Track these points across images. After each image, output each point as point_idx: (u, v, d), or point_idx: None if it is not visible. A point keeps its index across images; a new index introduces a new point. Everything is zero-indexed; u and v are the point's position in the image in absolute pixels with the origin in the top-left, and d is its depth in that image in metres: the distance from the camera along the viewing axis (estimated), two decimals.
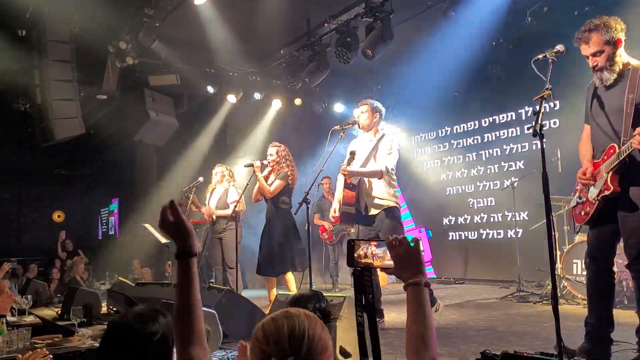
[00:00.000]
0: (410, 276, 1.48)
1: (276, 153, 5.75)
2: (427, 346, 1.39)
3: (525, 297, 6.46)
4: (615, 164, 3.03)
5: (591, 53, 3.13)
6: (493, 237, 8.66)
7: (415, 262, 1.49)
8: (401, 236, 1.52)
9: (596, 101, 3.25)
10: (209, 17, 6.70)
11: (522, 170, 8.07)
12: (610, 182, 3.06)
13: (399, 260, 1.51)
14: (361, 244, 1.59)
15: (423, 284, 1.47)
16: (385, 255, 1.55)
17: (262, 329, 1.23)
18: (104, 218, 15.56)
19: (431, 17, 7.03)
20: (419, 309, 1.45)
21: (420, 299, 1.46)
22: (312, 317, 1.26)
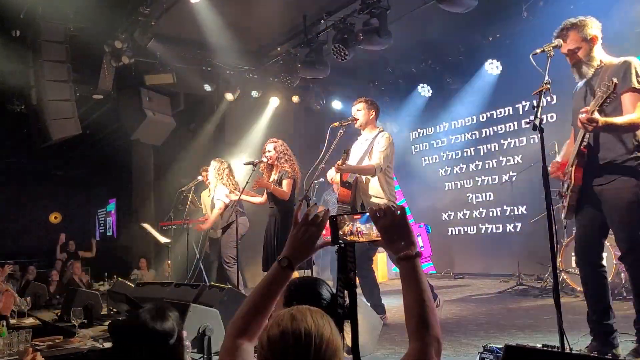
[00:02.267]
0: (400, 249, 1.39)
1: (274, 149, 5.71)
2: (428, 325, 1.29)
3: (525, 291, 6.47)
4: (573, 157, 3.19)
5: (569, 49, 3.26)
6: (492, 231, 8.67)
7: (404, 232, 1.39)
8: (385, 206, 1.42)
9: (576, 102, 3.39)
10: (205, 15, 6.67)
11: (520, 165, 8.08)
12: (573, 175, 3.20)
13: (386, 232, 1.41)
14: (345, 220, 1.50)
15: (414, 255, 1.37)
16: (371, 230, 1.46)
17: (267, 336, 1.17)
18: (102, 219, 15.53)
19: (427, 12, 7.02)
20: (413, 284, 1.35)
21: (413, 272, 1.36)
22: (319, 318, 1.19)
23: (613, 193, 3.11)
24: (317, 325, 1.16)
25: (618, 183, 3.09)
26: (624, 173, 3.09)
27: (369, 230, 1.47)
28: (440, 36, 8.07)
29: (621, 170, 3.10)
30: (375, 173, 4.79)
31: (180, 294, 4.85)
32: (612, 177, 3.11)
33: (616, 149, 3.12)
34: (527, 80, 7.24)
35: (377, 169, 4.77)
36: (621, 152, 3.11)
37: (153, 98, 8.45)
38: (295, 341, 1.12)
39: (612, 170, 3.12)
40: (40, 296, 7.52)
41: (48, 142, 7.13)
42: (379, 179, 4.84)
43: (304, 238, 1.49)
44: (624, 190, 3.08)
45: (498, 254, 8.35)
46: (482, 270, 8.65)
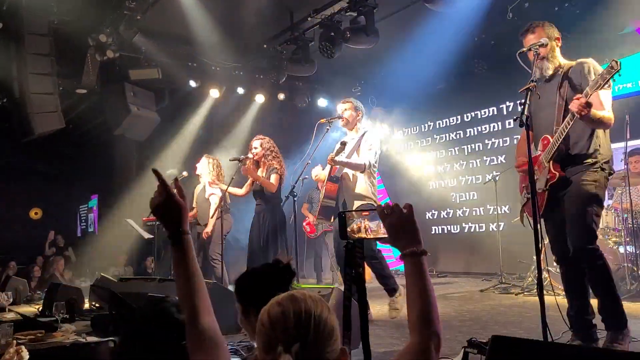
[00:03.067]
0: (405, 245, 1.42)
1: (260, 146, 5.71)
2: (430, 321, 1.34)
3: (507, 289, 6.55)
4: (554, 152, 3.27)
5: (537, 44, 3.38)
6: (475, 230, 8.76)
7: (410, 230, 1.44)
8: (393, 203, 1.46)
9: (535, 100, 3.45)
10: (192, 10, 6.63)
11: (504, 165, 8.17)
12: (553, 170, 3.29)
13: (392, 229, 1.45)
14: (354, 216, 1.55)
15: (420, 253, 1.41)
16: (379, 228, 1.50)
17: (268, 314, 1.21)
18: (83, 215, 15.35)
19: (414, 12, 7.07)
20: (417, 280, 1.39)
21: (418, 269, 1.40)
22: (318, 301, 1.23)
23: (574, 188, 3.24)
24: (315, 306, 1.20)
25: (578, 177, 3.23)
26: (585, 169, 3.24)
27: (376, 228, 1.52)
28: (424, 36, 8.10)
29: (584, 167, 3.24)
30: (365, 169, 4.84)
31: (165, 289, 4.83)
32: (576, 172, 3.25)
33: (583, 145, 3.26)
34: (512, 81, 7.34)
35: (368, 165, 4.83)
36: (587, 148, 3.25)
37: (137, 93, 8.36)
38: (296, 319, 1.16)
39: (577, 166, 3.26)
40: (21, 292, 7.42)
41: (30, 136, 7.03)
42: (364, 177, 4.88)
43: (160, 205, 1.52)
44: (582, 186, 3.21)
45: (481, 253, 8.44)
46: (465, 269, 8.73)
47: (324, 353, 1.16)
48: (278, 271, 1.74)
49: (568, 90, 3.29)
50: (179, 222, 1.51)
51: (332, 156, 4.77)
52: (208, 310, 1.49)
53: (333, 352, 1.18)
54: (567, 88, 3.30)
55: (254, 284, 1.74)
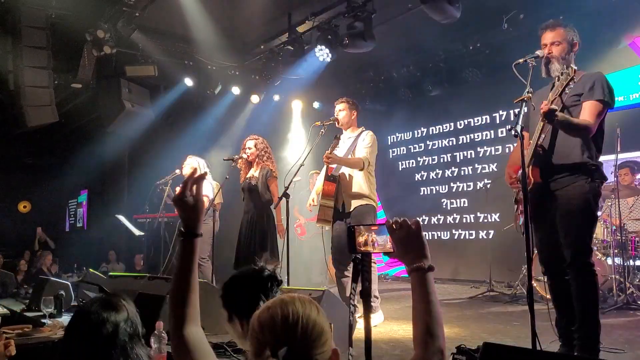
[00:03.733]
0: (412, 260, 1.44)
1: (255, 146, 5.70)
2: (434, 335, 1.35)
3: (496, 297, 6.59)
4: (530, 156, 3.19)
5: (551, 41, 3.36)
6: (465, 237, 8.81)
7: (417, 245, 1.45)
8: (402, 219, 1.47)
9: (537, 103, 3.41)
10: (191, 9, 6.64)
11: (496, 173, 8.23)
12: (531, 175, 3.21)
13: (400, 243, 1.46)
14: (362, 230, 1.56)
15: (427, 268, 1.43)
16: (386, 242, 1.51)
17: (258, 319, 1.22)
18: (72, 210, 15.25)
19: (410, 19, 7.11)
20: (423, 295, 1.40)
21: (424, 284, 1.41)
22: (307, 302, 1.24)
23: (565, 199, 3.18)
24: (304, 309, 1.20)
25: (571, 189, 3.18)
26: (577, 179, 3.17)
27: (383, 242, 1.53)
28: (422, 42, 8.17)
29: (574, 176, 3.18)
30: (364, 166, 4.82)
31: (154, 287, 4.82)
32: (566, 182, 3.20)
33: (571, 153, 3.21)
34: (505, 90, 7.45)
35: (365, 162, 4.82)
36: (576, 157, 3.20)
37: (133, 89, 8.35)
38: (284, 322, 1.17)
39: (566, 175, 3.20)
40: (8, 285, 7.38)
41: (23, 129, 6.99)
42: (362, 176, 4.87)
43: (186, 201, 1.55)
44: (576, 197, 3.16)
45: (470, 260, 8.48)
46: (453, 276, 8.77)
47: (313, 355, 1.16)
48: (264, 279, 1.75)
49: (569, 97, 3.24)
50: (195, 221, 1.56)
51: (327, 153, 4.75)
52: (195, 319, 1.52)
53: (324, 354, 1.18)
54: (569, 95, 3.23)
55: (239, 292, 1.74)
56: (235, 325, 1.65)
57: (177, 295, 1.53)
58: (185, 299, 1.52)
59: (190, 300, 1.52)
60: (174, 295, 1.54)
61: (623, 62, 6.77)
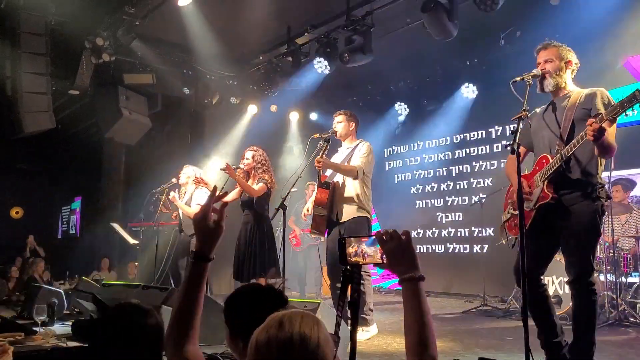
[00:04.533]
0: (404, 271, 1.45)
1: (252, 157, 5.70)
2: (427, 346, 1.36)
3: (489, 312, 6.60)
4: (552, 172, 3.23)
5: (544, 59, 3.43)
6: (459, 251, 8.82)
7: (408, 256, 1.46)
8: (392, 230, 1.48)
9: (538, 121, 3.49)
10: (191, 18, 6.66)
11: (491, 187, 8.26)
12: (546, 190, 3.25)
13: (391, 254, 1.47)
14: (352, 241, 1.55)
15: (417, 278, 1.44)
16: (376, 253, 1.51)
17: (255, 340, 1.19)
18: (65, 216, 15.18)
19: (408, 33, 7.17)
20: (414, 305, 1.41)
21: (415, 294, 1.42)
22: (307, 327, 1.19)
23: (574, 216, 3.20)
24: (302, 335, 1.16)
25: (579, 207, 3.19)
26: (585, 197, 3.19)
27: (373, 253, 1.52)
28: (420, 57, 8.23)
29: (584, 194, 3.20)
30: (358, 175, 4.81)
31: (148, 296, 4.79)
32: (576, 199, 3.21)
33: (584, 172, 3.22)
34: (501, 106, 7.53)
35: (360, 171, 4.81)
36: (587, 175, 3.22)
37: (130, 97, 8.36)
38: (278, 350, 1.14)
39: (577, 192, 3.21)
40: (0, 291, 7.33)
41: (20, 135, 6.98)
42: (357, 185, 4.87)
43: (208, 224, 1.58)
44: (584, 215, 3.18)
45: (464, 274, 8.49)
46: (447, 289, 8.77)
47: None
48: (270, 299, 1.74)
49: (577, 112, 3.26)
50: (210, 246, 1.58)
51: (318, 158, 4.71)
52: (194, 340, 1.53)
53: None
54: (576, 111, 3.26)
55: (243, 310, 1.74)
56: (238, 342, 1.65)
57: (181, 317, 1.54)
58: (189, 321, 1.53)
59: (194, 323, 1.53)
60: (178, 316, 1.54)
61: (617, 81, 6.84)
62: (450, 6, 5.75)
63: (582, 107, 3.27)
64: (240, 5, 6.68)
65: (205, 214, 1.57)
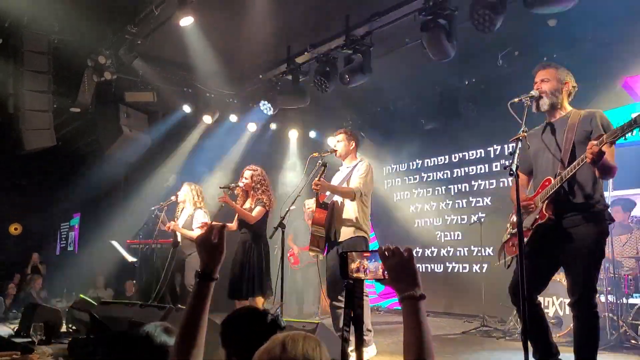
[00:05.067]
0: (404, 289, 1.45)
1: (250, 177, 5.71)
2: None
3: (489, 332, 6.55)
4: (551, 193, 3.26)
5: (541, 78, 3.50)
6: (459, 271, 8.79)
7: (409, 273, 1.46)
8: (394, 246, 1.49)
9: (537, 144, 3.53)
10: (192, 37, 6.71)
11: (490, 207, 8.26)
12: (545, 210, 3.28)
13: (392, 271, 1.47)
14: (354, 256, 1.56)
15: (418, 297, 1.44)
16: (377, 269, 1.51)
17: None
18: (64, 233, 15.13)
19: (407, 52, 7.23)
20: (414, 324, 1.41)
21: (415, 312, 1.42)
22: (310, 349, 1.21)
23: (578, 238, 3.21)
24: (305, 357, 1.17)
25: (583, 228, 3.20)
26: (589, 219, 3.21)
27: (375, 269, 1.53)
28: (419, 76, 8.28)
29: (587, 216, 3.21)
30: (355, 197, 4.81)
31: (146, 314, 4.78)
32: (579, 221, 3.22)
33: (586, 194, 3.24)
34: (500, 125, 7.54)
35: (357, 192, 4.80)
36: (590, 198, 3.24)
37: (131, 114, 8.40)
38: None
39: (580, 214, 3.23)
40: None
41: (20, 152, 7.00)
42: (355, 205, 4.87)
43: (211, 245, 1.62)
44: (588, 237, 3.19)
45: (463, 294, 8.44)
46: (446, 309, 8.72)
47: None
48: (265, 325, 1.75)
49: (577, 134, 3.29)
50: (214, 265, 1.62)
51: (316, 181, 4.74)
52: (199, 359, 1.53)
53: None
54: (576, 133, 3.29)
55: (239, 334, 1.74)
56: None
57: (186, 336, 1.54)
58: (194, 340, 1.53)
59: (198, 342, 1.54)
60: (183, 336, 1.55)
61: (616, 102, 6.88)
62: (449, 27, 5.79)
63: (583, 129, 3.30)
64: (241, 25, 6.74)
65: (209, 234, 1.59)
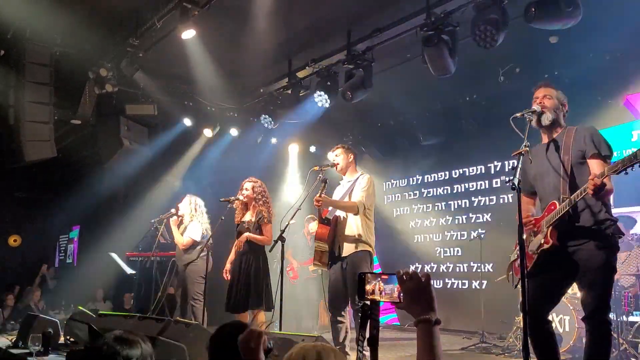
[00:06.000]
0: (420, 313, 1.45)
1: (252, 189, 5.72)
2: None
3: (488, 349, 6.51)
4: (556, 219, 3.27)
5: (543, 94, 3.56)
6: (458, 287, 8.75)
7: (426, 298, 1.47)
8: (412, 271, 1.50)
9: (541, 163, 3.54)
10: (193, 51, 6.75)
11: (490, 223, 8.25)
12: (549, 236, 3.28)
13: (409, 294, 1.48)
14: (371, 277, 1.57)
15: (433, 322, 1.44)
16: (393, 292, 1.52)
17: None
18: (63, 245, 15.08)
19: (408, 68, 7.26)
20: (427, 347, 1.41)
21: (429, 336, 1.42)
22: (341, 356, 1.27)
23: (586, 255, 3.21)
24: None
25: (591, 245, 3.21)
26: (596, 237, 3.21)
27: (391, 291, 1.54)
28: (418, 92, 8.31)
29: (594, 233, 3.22)
30: (359, 211, 4.78)
31: (145, 327, 4.73)
32: (586, 239, 3.23)
33: (591, 214, 3.25)
34: (500, 141, 7.57)
35: (360, 206, 4.78)
36: (595, 216, 3.24)
37: (131, 127, 8.41)
38: None
39: (586, 233, 3.24)
40: None
41: (20, 164, 6.99)
42: (359, 220, 4.84)
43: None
44: (597, 253, 3.19)
45: (462, 310, 8.40)
46: (445, 325, 8.67)
47: None
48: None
49: (573, 156, 3.33)
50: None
51: (317, 197, 4.73)
52: None
53: None
54: (572, 155, 3.33)
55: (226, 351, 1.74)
56: None
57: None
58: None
59: None
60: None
61: (616, 119, 6.91)
62: (451, 42, 5.82)
63: (577, 149, 3.34)
64: (242, 38, 6.78)
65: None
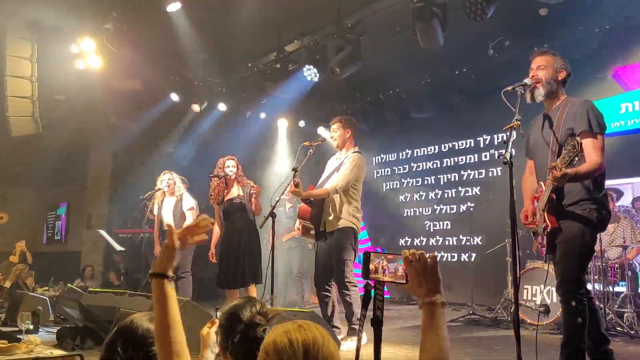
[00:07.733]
0: (426, 294, 1.43)
1: (237, 165, 5.73)
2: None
3: (477, 321, 6.58)
4: (545, 203, 3.28)
5: (537, 65, 3.46)
6: (447, 260, 8.82)
7: (432, 279, 1.44)
8: (419, 252, 1.47)
9: (536, 137, 3.53)
10: (180, 25, 6.62)
11: (479, 196, 8.29)
12: (548, 220, 3.29)
13: (415, 276, 1.46)
14: (376, 257, 1.54)
15: (439, 304, 1.43)
16: (397, 271, 1.50)
17: (274, 343, 1.20)
18: (50, 222, 14.98)
19: (398, 41, 7.19)
20: (433, 329, 1.40)
21: (435, 318, 1.41)
22: (326, 335, 1.23)
23: (564, 231, 3.25)
24: (323, 337, 1.21)
25: (569, 222, 3.24)
26: (573, 215, 3.24)
27: (394, 270, 1.51)
28: (408, 66, 8.24)
29: (572, 212, 3.25)
30: (330, 195, 4.81)
31: (135, 303, 4.73)
32: (568, 218, 3.25)
33: (576, 194, 3.26)
34: (489, 115, 7.56)
35: (332, 191, 4.80)
36: (580, 196, 3.25)
37: (118, 103, 8.30)
38: (305, 349, 1.17)
39: (567, 212, 3.26)
40: None
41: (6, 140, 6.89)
42: (339, 198, 4.86)
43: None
44: (571, 226, 3.22)
45: (451, 283, 8.47)
46: None
47: None
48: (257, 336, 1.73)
49: (561, 135, 3.31)
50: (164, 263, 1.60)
51: (289, 190, 4.75)
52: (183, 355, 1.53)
53: None
54: (561, 134, 3.31)
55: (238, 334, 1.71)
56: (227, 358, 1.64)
57: (160, 336, 1.55)
58: (168, 338, 1.53)
59: (174, 338, 1.53)
60: (157, 335, 1.56)
61: (605, 92, 6.91)
62: (443, 15, 5.76)
63: (567, 127, 3.31)
64: (230, 12, 6.65)
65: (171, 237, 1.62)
